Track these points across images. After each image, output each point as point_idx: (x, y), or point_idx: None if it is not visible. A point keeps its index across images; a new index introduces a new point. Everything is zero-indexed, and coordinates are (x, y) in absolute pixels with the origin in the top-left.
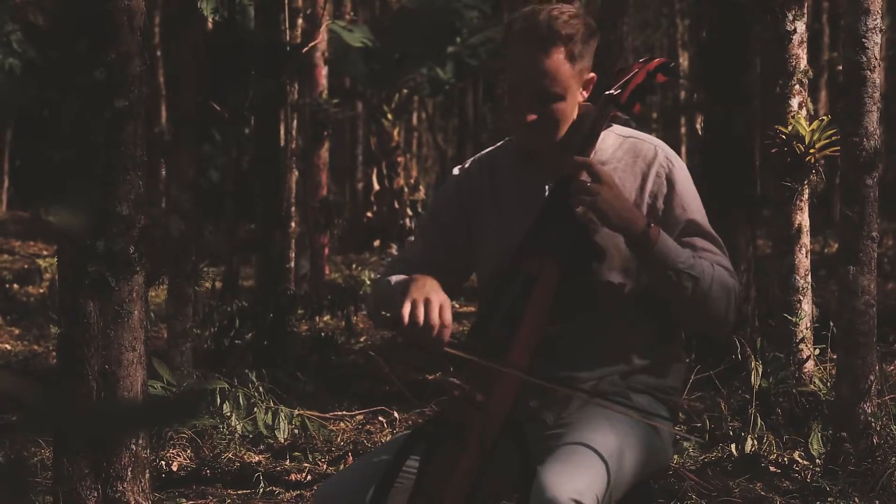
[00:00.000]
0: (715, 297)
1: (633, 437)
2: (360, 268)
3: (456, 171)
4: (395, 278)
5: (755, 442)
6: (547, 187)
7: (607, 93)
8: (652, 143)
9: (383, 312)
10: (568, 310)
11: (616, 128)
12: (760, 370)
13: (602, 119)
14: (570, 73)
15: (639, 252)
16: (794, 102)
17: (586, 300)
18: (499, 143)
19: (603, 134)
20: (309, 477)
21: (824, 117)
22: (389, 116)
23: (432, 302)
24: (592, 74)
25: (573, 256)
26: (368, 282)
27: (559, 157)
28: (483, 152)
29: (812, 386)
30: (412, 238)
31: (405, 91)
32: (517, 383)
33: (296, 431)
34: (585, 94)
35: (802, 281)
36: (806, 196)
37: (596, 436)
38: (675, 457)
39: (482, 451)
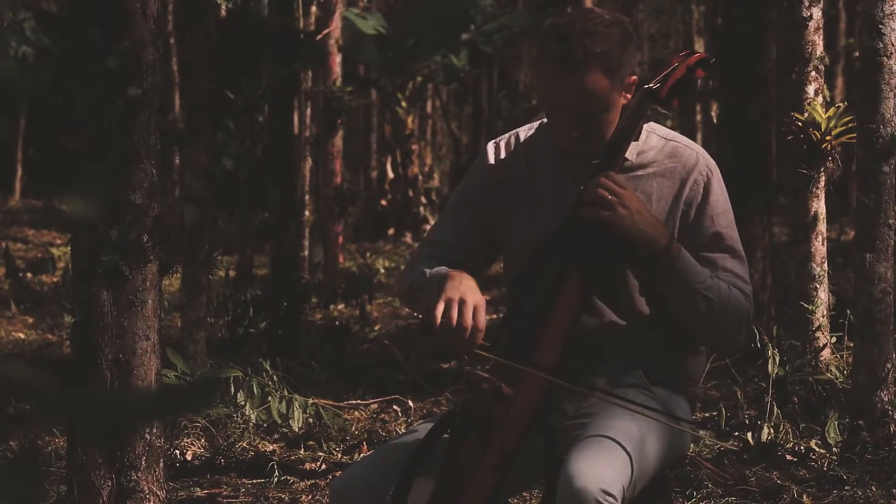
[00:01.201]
0: (727, 320)
1: (655, 426)
2: (374, 256)
3: (490, 150)
4: (430, 270)
5: (771, 430)
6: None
7: (646, 87)
8: (693, 150)
9: (417, 314)
10: (595, 307)
11: (656, 128)
12: (777, 358)
13: (641, 114)
14: (609, 86)
15: (660, 267)
16: (811, 89)
17: (613, 298)
18: (535, 125)
19: (645, 133)
20: (323, 466)
21: (840, 104)
22: (403, 104)
23: (467, 303)
24: (634, 77)
25: (601, 256)
26: (383, 270)
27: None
28: (519, 134)
29: (829, 374)
30: (443, 218)
31: (419, 79)
32: (544, 382)
33: (310, 420)
34: (628, 97)
35: (819, 269)
36: (822, 183)
37: (619, 426)
38: (692, 446)
39: (509, 447)
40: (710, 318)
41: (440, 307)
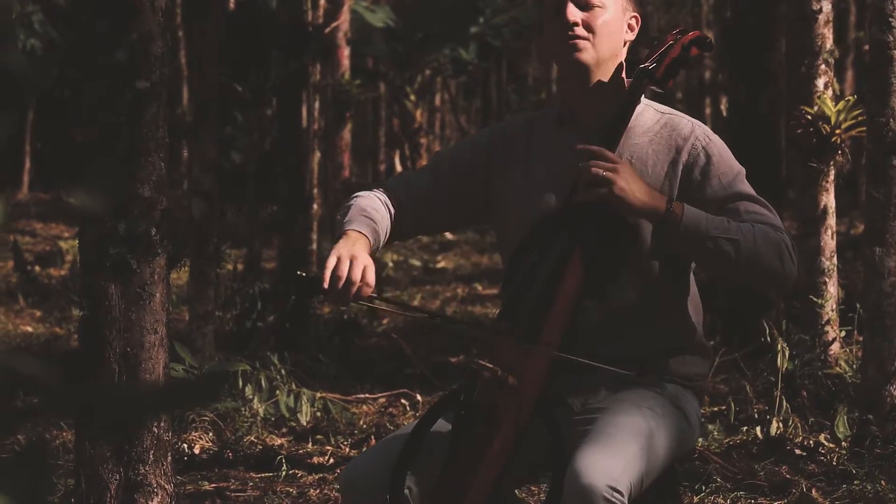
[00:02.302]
0: (762, 253)
1: (663, 421)
2: (382, 249)
3: (495, 125)
4: (353, 206)
5: (780, 424)
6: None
7: (642, 66)
8: (689, 120)
9: (298, 272)
10: (599, 288)
11: (653, 103)
12: (786, 352)
13: (637, 94)
14: None
15: (667, 232)
16: (820, 82)
17: (617, 278)
18: (545, 107)
19: (641, 108)
20: (331, 460)
21: (850, 97)
22: (412, 97)
23: (357, 260)
24: (636, 14)
25: (604, 235)
26: (391, 264)
27: (596, 119)
28: (526, 114)
29: (838, 368)
30: (425, 165)
31: (428, 72)
32: (548, 363)
33: (318, 414)
34: (630, 35)
35: (828, 262)
36: (832, 177)
37: (627, 421)
38: (700, 440)
39: (514, 433)
40: (745, 259)
41: (331, 262)
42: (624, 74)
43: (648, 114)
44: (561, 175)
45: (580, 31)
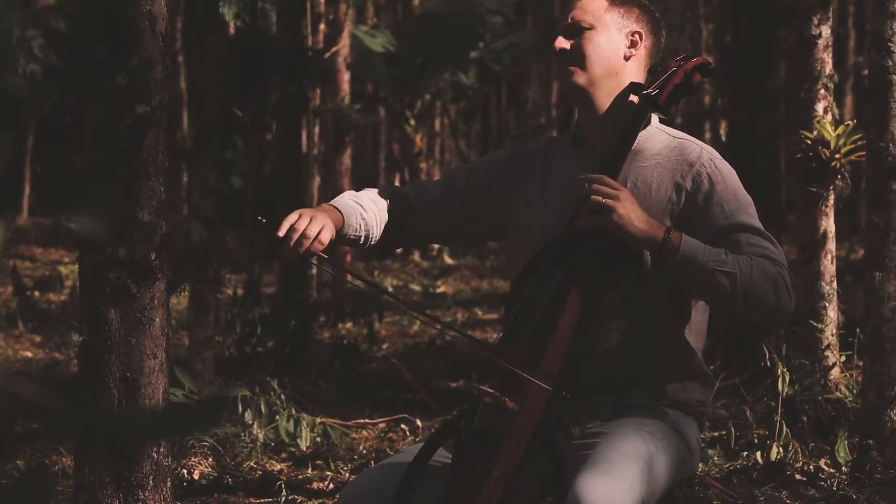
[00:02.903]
0: (758, 288)
1: (663, 446)
2: (382, 274)
3: (515, 145)
4: (358, 192)
5: (781, 449)
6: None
7: (645, 92)
8: (698, 146)
9: (258, 217)
10: (599, 316)
11: (665, 127)
12: (786, 377)
13: (640, 119)
14: (605, 7)
15: (665, 260)
16: (820, 107)
17: (619, 306)
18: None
19: (653, 132)
20: (331, 485)
21: (850, 122)
22: (412, 122)
23: (316, 219)
24: (638, 29)
25: (605, 262)
26: (391, 289)
27: (603, 139)
28: (546, 136)
29: (838, 393)
30: (441, 177)
31: (428, 96)
32: (547, 392)
33: (318, 439)
34: (632, 51)
35: (828, 287)
36: (831, 201)
37: (627, 446)
38: (700, 464)
39: (515, 459)
40: (740, 293)
41: (292, 216)
42: (632, 96)
43: (660, 138)
44: (570, 197)
45: (567, 57)
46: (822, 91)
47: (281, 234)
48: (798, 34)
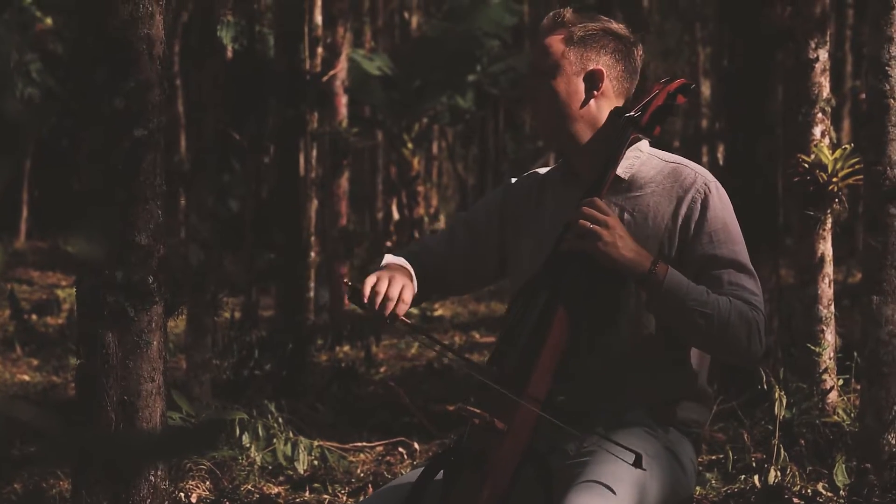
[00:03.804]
0: (732, 331)
1: (657, 468)
2: None
3: (509, 183)
4: (393, 255)
5: (778, 473)
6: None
7: (627, 115)
8: (693, 170)
9: (346, 280)
10: (586, 338)
11: (660, 152)
12: (784, 401)
13: (622, 142)
14: (562, 52)
15: (647, 291)
16: (817, 131)
17: (609, 330)
18: (555, 165)
19: (644, 158)
20: None
21: (847, 146)
22: (409, 145)
23: (395, 280)
24: (597, 68)
25: (587, 287)
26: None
27: (594, 173)
28: (539, 170)
29: (836, 417)
30: (444, 228)
31: (425, 120)
32: (535, 414)
33: (315, 463)
34: (595, 92)
35: (826, 311)
36: (829, 225)
37: (620, 468)
38: (698, 488)
39: (504, 479)
40: (714, 334)
41: (371, 279)
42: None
43: (652, 163)
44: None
45: (532, 107)
46: (820, 115)
47: (366, 299)
48: (795, 58)
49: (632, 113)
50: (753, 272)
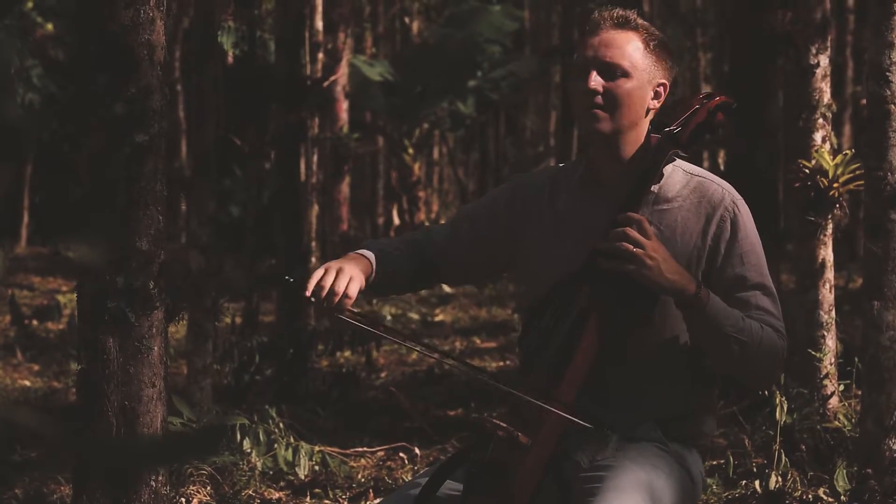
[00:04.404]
0: (761, 360)
1: (668, 480)
2: (380, 303)
3: (515, 180)
4: (374, 240)
5: (779, 478)
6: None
7: (667, 130)
8: (719, 185)
9: (286, 277)
10: (617, 348)
11: (682, 163)
12: (785, 406)
13: (661, 157)
14: (641, 56)
15: (687, 314)
16: (818, 136)
17: (638, 342)
18: (563, 164)
19: (670, 168)
20: None
21: (848, 151)
22: (410, 151)
23: (343, 272)
24: (664, 81)
25: (624, 296)
26: (389, 317)
27: (622, 184)
28: (547, 169)
29: (837, 422)
30: (447, 221)
31: (426, 125)
32: (561, 424)
33: (316, 468)
34: (656, 104)
35: (826, 316)
36: (830, 231)
37: (633, 480)
38: (703, 496)
39: (526, 493)
40: (745, 360)
41: (319, 272)
42: (651, 133)
43: (677, 176)
44: (585, 237)
45: (600, 100)
46: (821, 120)
47: (308, 293)
48: (796, 63)
49: (671, 128)
50: (776, 294)
